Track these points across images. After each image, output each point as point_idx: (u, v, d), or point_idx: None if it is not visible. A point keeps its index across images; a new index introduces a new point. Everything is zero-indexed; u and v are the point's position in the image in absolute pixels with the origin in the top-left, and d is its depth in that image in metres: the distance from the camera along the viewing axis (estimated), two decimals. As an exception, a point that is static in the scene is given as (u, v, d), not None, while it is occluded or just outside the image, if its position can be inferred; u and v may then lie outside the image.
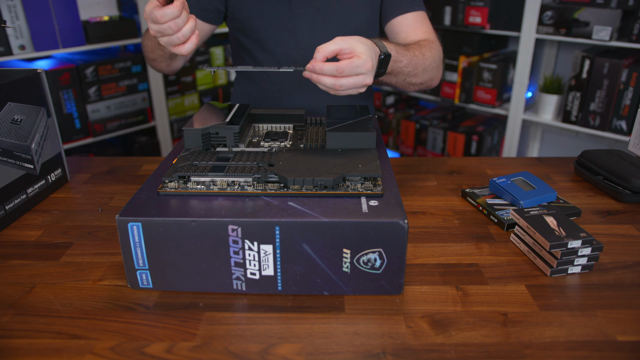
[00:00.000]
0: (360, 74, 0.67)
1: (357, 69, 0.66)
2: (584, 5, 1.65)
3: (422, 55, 0.86)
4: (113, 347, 0.52)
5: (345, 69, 0.66)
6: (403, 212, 0.57)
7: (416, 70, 0.85)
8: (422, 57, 0.86)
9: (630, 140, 0.90)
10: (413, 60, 0.83)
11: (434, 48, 0.92)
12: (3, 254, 0.69)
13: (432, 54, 0.90)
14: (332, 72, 0.66)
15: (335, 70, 0.66)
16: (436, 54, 0.92)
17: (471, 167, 0.98)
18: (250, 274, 0.58)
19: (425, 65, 0.87)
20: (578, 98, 1.77)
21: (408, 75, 0.85)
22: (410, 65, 0.83)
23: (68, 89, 1.78)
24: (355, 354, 0.51)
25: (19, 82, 0.77)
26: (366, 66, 0.67)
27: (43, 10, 1.64)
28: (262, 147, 0.73)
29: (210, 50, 2.26)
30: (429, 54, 0.89)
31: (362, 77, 0.68)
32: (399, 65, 0.81)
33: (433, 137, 2.22)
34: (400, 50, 0.81)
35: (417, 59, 0.85)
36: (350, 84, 0.67)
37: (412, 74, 0.85)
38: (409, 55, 0.83)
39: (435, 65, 0.91)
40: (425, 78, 0.90)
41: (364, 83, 0.68)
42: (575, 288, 0.61)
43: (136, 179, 0.93)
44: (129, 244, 0.57)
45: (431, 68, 0.90)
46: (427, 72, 0.89)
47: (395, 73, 0.82)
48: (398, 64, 0.80)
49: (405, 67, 0.82)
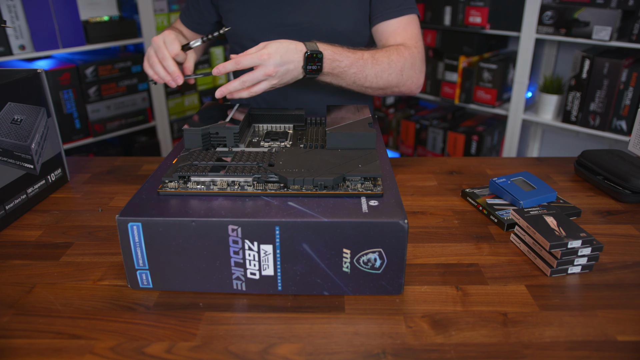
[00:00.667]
0: (259, 65, 0.75)
1: (253, 58, 0.74)
2: (584, 5, 1.65)
3: (373, 59, 0.86)
4: (113, 347, 0.52)
5: (241, 60, 0.74)
6: (403, 212, 0.57)
7: (364, 73, 0.85)
8: (373, 61, 0.85)
9: (630, 140, 0.90)
10: (358, 63, 0.84)
11: (403, 53, 0.90)
12: (3, 254, 0.69)
13: (395, 57, 0.88)
14: (231, 64, 0.75)
15: (234, 62, 0.75)
16: (404, 59, 0.89)
17: (471, 167, 0.98)
18: (250, 274, 0.58)
19: (378, 69, 0.86)
20: (578, 98, 1.77)
21: (356, 78, 0.85)
22: (354, 67, 0.83)
23: (68, 89, 1.78)
24: (355, 354, 0.51)
25: (19, 82, 0.77)
26: (262, 56, 0.74)
27: (43, 10, 1.64)
28: (262, 147, 0.73)
29: (210, 51, 2.26)
30: (390, 58, 0.87)
31: (261, 68, 0.75)
32: (340, 66, 0.82)
33: (433, 137, 2.22)
34: (341, 52, 0.82)
35: (366, 62, 0.85)
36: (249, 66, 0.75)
37: (361, 77, 0.85)
38: (353, 57, 0.83)
39: (398, 70, 0.88)
40: (382, 83, 0.88)
41: (264, 72, 0.75)
42: (575, 288, 0.61)
43: (136, 179, 0.93)
44: (129, 244, 0.57)
45: (391, 73, 0.88)
46: (383, 77, 0.87)
47: (337, 74, 0.83)
48: (337, 63, 0.82)
49: (348, 68, 0.83)
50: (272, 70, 0.75)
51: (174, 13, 2.06)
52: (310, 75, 0.80)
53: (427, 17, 2.09)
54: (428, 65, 2.17)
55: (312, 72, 0.80)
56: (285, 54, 0.77)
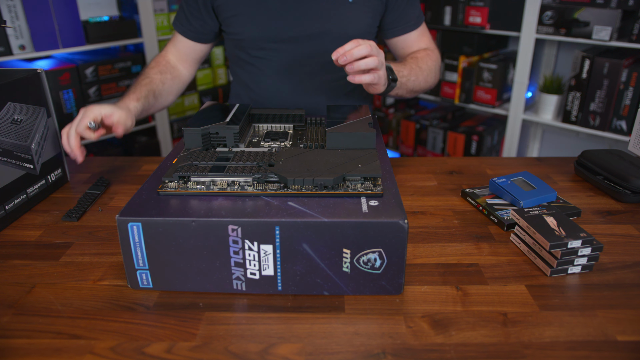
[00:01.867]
0: (371, 55, 0.75)
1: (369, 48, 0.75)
2: (584, 5, 1.65)
3: (418, 67, 0.95)
4: (113, 347, 0.52)
5: (360, 41, 0.75)
6: (403, 212, 0.57)
7: (419, 80, 0.94)
8: (418, 68, 0.95)
9: (630, 140, 0.90)
10: (413, 71, 0.93)
11: (432, 57, 1.01)
12: (3, 254, 0.69)
13: (431, 63, 0.99)
14: (350, 45, 0.75)
15: (354, 41, 0.75)
16: (434, 62, 1.01)
17: (471, 167, 0.98)
18: (250, 274, 0.58)
19: (425, 74, 0.97)
20: (578, 98, 1.77)
21: (414, 85, 0.94)
22: (412, 75, 0.92)
23: (68, 89, 1.78)
24: (355, 354, 0.51)
25: (19, 82, 0.77)
26: (376, 50, 0.76)
27: (43, 10, 1.64)
28: (262, 147, 0.73)
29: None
30: (428, 64, 0.98)
31: (372, 59, 0.76)
32: (403, 75, 0.89)
33: (433, 137, 2.22)
34: (394, 63, 0.90)
35: (417, 70, 0.94)
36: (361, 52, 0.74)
37: (416, 84, 0.94)
38: (405, 67, 0.92)
39: (434, 73, 1.00)
40: (427, 86, 0.99)
41: (374, 62, 0.76)
42: (575, 288, 0.61)
43: (136, 179, 0.93)
44: (129, 244, 0.57)
45: (434, 76, 1.00)
46: (429, 81, 0.99)
47: (403, 84, 0.90)
48: (401, 73, 0.89)
49: (408, 77, 0.91)
50: (376, 63, 0.76)
51: (174, 13, 2.06)
52: (390, 85, 0.85)
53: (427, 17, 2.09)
54: (428, 65, 2.17)
55: (392, 80, 0.85)
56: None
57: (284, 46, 0.98)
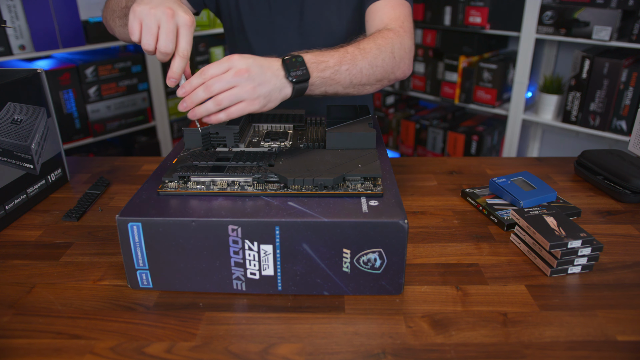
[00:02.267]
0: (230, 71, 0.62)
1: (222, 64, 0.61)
2: (584, 5, 1.65)
3: (359, 50, 0.74)
4: (113, 347, 0.52)
5: (209, 69, 0.61)
6: (403, 212, 0.57)
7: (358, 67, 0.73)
8: (360, 51, 0.74)
9: (630, 140, 0.90)
10: (346, 57, 0.72)
11: (387, 35, 0.79)
12: (3, 254, 0.69)
13: (383, 41, 0.77)
14: (197, 79, 0.62)
15: (200, 73, 0.61)
16: (391, 40, 0.79)
17: (471, 167, 0.98)
18: (250, 274, 0.58)
19: (370, 58, 0.74)
20: (578, 98, 1.77)
21: (352, 76, 0.73)
22: (344, 63, 0.71)
23: (68, 89, 1.78)
24: (355, 354, 0.51)
25: (19, 82, 0.77)
26: (241, 72, 0.61)
27: (43, 10, 1.64)
28: (262, 147, 0.73)
29: (210, 51, 2.26)
30: (377, 42, 0.77)
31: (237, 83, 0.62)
32: (328, 65, 0.70)
33: (433, 137, 2.22)
34: (322, 52, 0.71)
35: (354, 55, 0.73)
36: (223, 86, 0.61)
37: (356, 73, 0.73)
38: (338, 54, 0.72)
39: (389, 53, 0.77)
40: (379, 72, 0.76)
41: (242, 90, 0.62)
42: (575, 288, 0.61)
43: (136, 179, 0.93)
44: (129, 244, 0.57)
45: (384, 58, 0.76)
46: (377, 65, 0.75)
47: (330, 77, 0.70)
48: (324, 64, 0.69)
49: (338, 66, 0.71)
50: (246, 92, 0.62)
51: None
52: (298, 85, 0.66)
53: (427, 17, 2.09)
54: (428, 65, 2.17)
55: (299, 79, 0.66)
56: (261, 68, 0.64)
57: (269, 35, 0.98)
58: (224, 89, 0.62)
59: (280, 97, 0.66)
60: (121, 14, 0.84)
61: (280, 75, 0.65)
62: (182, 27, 0.63)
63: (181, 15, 0.63)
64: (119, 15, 0.85)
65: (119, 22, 0.86)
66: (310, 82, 0.68)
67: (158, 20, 0.62)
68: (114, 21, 0.87)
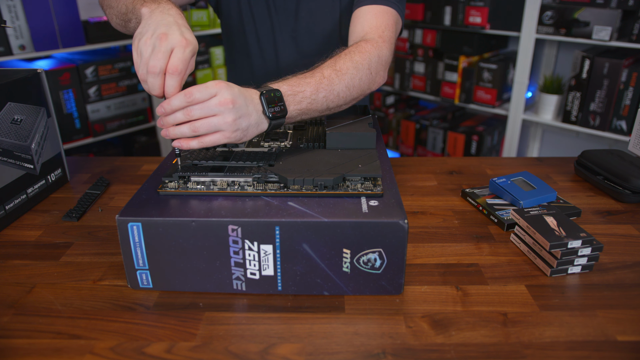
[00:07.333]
0: (214, 99, 0.60)
1: (208, 90, 0.59)
2: (584, 5, 1.65)
3: (336, 72, 0.72)
4: (113, 347, 0.52)
5: (194, 93, 0.59)
6: (403, 212, 0.57)
7: (335, 92, 0.72)
8: (337, 74, 0.72)
9: (630, 140, 0.90)
10: (323, 84, 0.70)
11: (364, 48, 0.77)
12: (3, 254, 0.69)
13: (360, 57, 0.76)
14: (178, 101, 0.59)
15: (184, 94, 0.59)
16: (368, 54, 0.77)
17: (471, 167, 0.98)
18: (250, 274, 0.58)
19: (347, 80, 0.73)
20: (578, 98, 1.77)
21: (329, 102, 0.72)
22: (321, 90, 0.70)
23: (68, 89, 1.78)
24: (355, 354, 0.51)
25: (19, 82, 0.77)
26: (225, 103, 0.59)
27: (43, 10, 1.64)
28: (262, 147, 0.73)
29: (210, 51, 2.26)
30: (354, 60, 0.75)
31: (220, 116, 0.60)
32: (305, 96, 0.69)
33: (433, 137, 2.22)
34: (297, 81, 0.69)
35: (331, 79, 0.71)
36: (204, 113, 0.60)
37: (334, 98, 0.72)
38: (314, 80, 0.70)
39: (366, 70, 0.76)
40: (356, 92, 0.75)
41: (222, 121, 0.60)
42: (575, 288, 0.61)
43: (136, 179, 0.93)
44: (129, 244, 0.57)
45: (361, 77, 0.75)
46: (354, 85, 0.74)
47: (307, 107, 0.69)
48: (301, 95, 0.68)
49: (315, 94, 0.69)
50: (231, 121, 0.60)
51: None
52: (275, 121, 0.65)
53: (427, 17, 2.09)
54: (428, 65, 2.17)
55: (277, 115, 0.65)
56: (245, 100, 0.62)
57: (268, 44, 0.98)
58: (204, 115, 0.60)
59: (256, 131, 0.64)
60: (120, 17, 0.82)
61: (259, 110, 0.64)
62: (176, 47, 0.61)
63: (174, 37, 0.61)
64: (116, 15, 0.83)
65: (116, 20, 0.84)
66: (287, 117, 0.67)
67: (153, 47, 0.61)
68: (111, 17, 0.85)
